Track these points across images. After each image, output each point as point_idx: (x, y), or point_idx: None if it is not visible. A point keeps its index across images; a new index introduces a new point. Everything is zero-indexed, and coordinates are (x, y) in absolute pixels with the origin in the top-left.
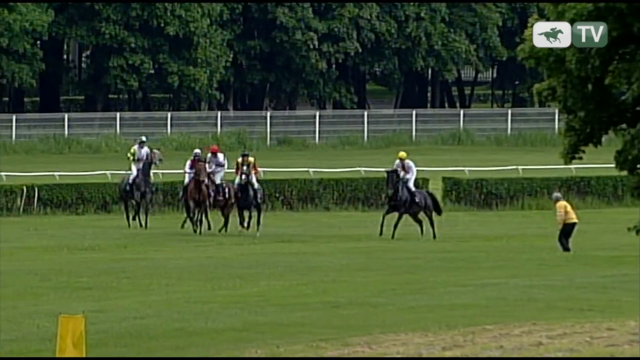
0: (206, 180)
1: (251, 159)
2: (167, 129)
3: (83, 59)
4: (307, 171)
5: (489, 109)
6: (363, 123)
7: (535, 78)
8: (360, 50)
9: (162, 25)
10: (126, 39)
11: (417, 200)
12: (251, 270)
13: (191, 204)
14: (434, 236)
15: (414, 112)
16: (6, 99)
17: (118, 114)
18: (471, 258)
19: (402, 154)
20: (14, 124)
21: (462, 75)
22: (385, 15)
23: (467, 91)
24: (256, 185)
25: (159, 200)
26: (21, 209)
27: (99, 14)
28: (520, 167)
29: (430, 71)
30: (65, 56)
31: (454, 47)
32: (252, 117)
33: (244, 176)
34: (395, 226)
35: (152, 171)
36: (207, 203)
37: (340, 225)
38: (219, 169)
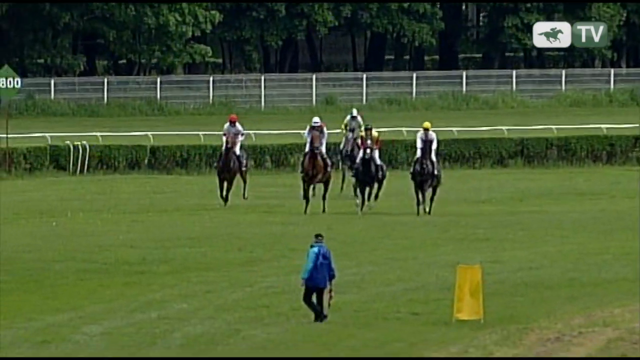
0: (321, 149)
1: (375, 133)
2: (561, 86)
3: (480, 18)
4: None
5: None
6: None
7: None
8: None
9: None
10: None
11: (435, 172)
12: None
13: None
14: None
15: None
16: (407, 57)
17: (514, 72)
18: None
19: (427, 124)
20: (414, 81)
21: None
22: None
23: None
24: (378, 161)
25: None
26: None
27: None
28: None
29: None
30: (464, 16)
31: None
32: None
33: (368, 150)
34: (423, 201)
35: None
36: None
37: None
38: (239, 137)
